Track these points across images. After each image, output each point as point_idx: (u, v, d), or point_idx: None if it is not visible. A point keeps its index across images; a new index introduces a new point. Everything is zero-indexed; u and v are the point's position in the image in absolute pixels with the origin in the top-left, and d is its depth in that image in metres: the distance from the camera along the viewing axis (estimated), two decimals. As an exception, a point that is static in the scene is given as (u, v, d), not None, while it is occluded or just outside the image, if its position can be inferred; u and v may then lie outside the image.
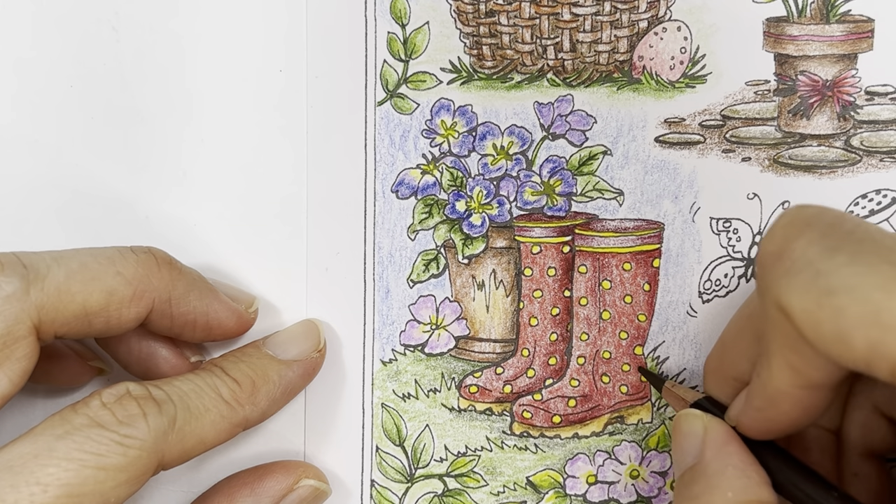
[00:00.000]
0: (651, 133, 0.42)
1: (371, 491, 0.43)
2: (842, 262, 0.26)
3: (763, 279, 0.29)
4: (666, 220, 0.42)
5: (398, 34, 0.42)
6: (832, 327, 0.26)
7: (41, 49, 0.43)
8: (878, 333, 0.25)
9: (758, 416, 0.32)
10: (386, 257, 0.43)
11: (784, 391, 0.30)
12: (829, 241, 0.27)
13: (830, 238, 0.27)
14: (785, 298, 0.27)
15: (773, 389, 0.30)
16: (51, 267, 0.34)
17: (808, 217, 0.29)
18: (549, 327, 0.43)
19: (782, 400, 0.30)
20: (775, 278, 0.28)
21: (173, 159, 0.43)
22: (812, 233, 0.28)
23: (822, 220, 0.28)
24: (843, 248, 0.27)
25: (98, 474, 0.32)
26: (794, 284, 0.27)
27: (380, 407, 0.43)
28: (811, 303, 0.26)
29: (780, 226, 0.29)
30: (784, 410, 0.31)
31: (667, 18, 0.42)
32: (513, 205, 0.43)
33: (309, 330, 0.42)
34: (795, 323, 0.27)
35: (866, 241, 0.27)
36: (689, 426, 0.35)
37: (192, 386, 0.36)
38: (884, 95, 0.41)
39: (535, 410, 0.43)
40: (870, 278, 0.26)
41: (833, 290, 0.26)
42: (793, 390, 0.30)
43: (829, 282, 0.26)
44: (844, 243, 0.27)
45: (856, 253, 0.27)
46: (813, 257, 0.27)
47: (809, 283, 0.27)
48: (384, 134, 0.43)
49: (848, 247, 0.27)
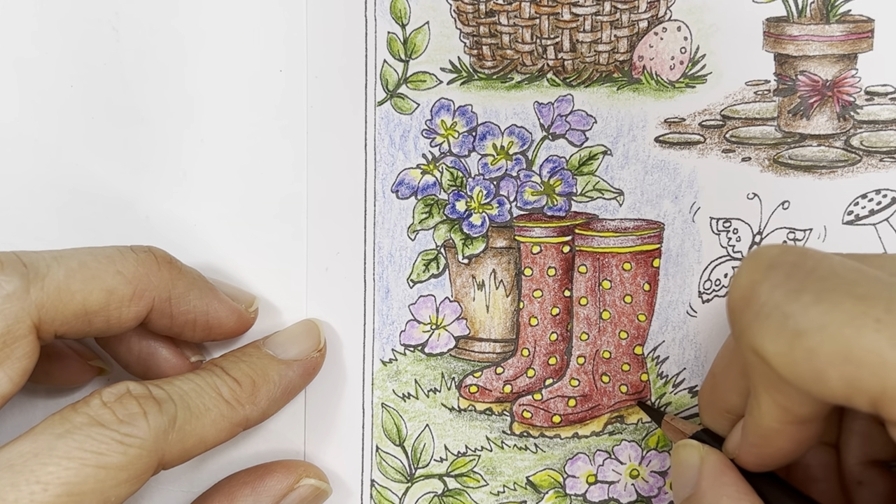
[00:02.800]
0: (651, 133, 0.42)
1: (371, 491, 0.43)
2: (808, 302, 0.27)
3: (735, 325, 0.30)
4: (666, 220, 0.42)
5: (398, 34, 0.42)
6: (807, 367, 0.26)
7: (42, 49, 0.43)
8: (851, 370, 0.25)
9: (754, 451, 0.32)
10: (386, 257, 0.43)
11: (775, 428, 0.30)
12: (793, 282, 0.27)
13: (794, 279, 0.27)
14: (758, 343, 0.27)
15: (765, 427, 0.30)
16: (51, 266, 0.34)
17: (771, 259, 0.29)
18: (549, 327, 0.43)
19: (774, 436, 0.31)
20: (746, 324, 0.28)
21: (173, 159, 0.43)
22: (776, 275, 0.28)
23: (784, 261, 0.28)
24: (807, 288, 0.27)
25: (98, 473, 0.32)
26: (765, 329, 0.27)
27: (380, 407, 0.43)
28: (783, 346, 0.27)
29: (744, 271, 0.29)
30: (778, 446, 0.31)
31: (667, 18, 0.42)
32: (513, 205, 0.43)
33: (309, 330, 0.42)
34: (771, 365, 0.27)
35: (830, 277, 0.27)
36: (685, 457, 0.35)
37: (192, 385, 0.36)
38: (884, 95, 0.41)
39: (535, 410, 0.43)
40: (836, 315, 0.26)
41: (802, 332, 0.26)
42: (783, 427, 0.30)
43: (798, 323, 0.26)
44: (808, 282, 0.27)
45: (820, 291, 0.27)
46: (779, 300, 0.27)
47: (779, 326, 0.27)
48: (384, 134, 0.43)
49: (812, 285, 0.27)
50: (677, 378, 0.42)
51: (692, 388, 0.42)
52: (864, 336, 0.25)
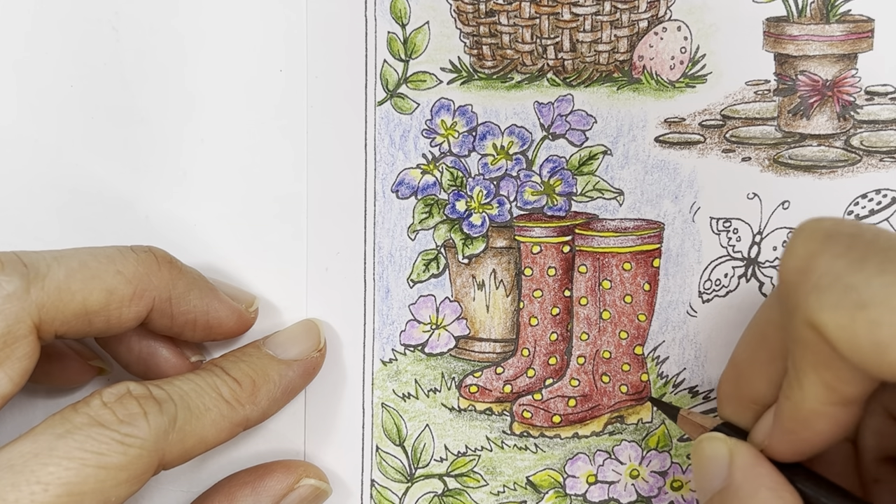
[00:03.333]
0: (651, 133, 0.42)
1: (371, 491, 0.43)
2: (871, 273, 0.26)
3: (790, 297, 0.29)
4: (666, 220, 0.42)
5: (398, 34, 0.42)
6: (869, 341, 0.25)
7: (41, 49, 0.43)
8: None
9: (789, 439, 0.31)
10: (386, 257, 0.43)
11: (818, 410, 0.29)
12: (854, 252, 0.27)
13: (855, 250, 0.27)
14: (816, 315, 0.27)
15: (807, 410, 0.29)
16: (51, 266, 0.34)
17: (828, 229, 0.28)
18: (549, 327, 0.43)
19: (816, 419, 0.30)
20: (803, 295, 0.27)
21: (173, 159, 0.43)
22: (836, 245, 0.27)
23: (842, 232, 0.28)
24: (869, 259, 0.26)
25: (99, 473, 0.32)
26: (825, 300, 0.26)
27: (380, 407, 0.43)
28: (845, 318, 0.26)
29: (800, 241, 0.28)
30: (818, 430, 0.30)
31: (667, 18, 0.42)
32: (513, 205, 0.43)
33: (309, 330, 0.42)
34: (830, 339, 0.26)
35: (891, 249, 0.26)
36: (712, 450, 0.34)
37: (192, 385, 0.36)
38: (884, 95, 0.41)
39: (535, 410, 0.43)
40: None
41: (866, 303, 0.25)
42: (827, 408, 0.29)
43: (861, 295, 0.26)
44: (870, 254, 0.26)
45: (883, 262, 0.26)
46: (840, 271, 0.26)
47: (841, 297, 0.26)
48: (384, 134, 0.43)
49: (874, 257, 0.26)
50: (677, 378, 0.42)
51: (692, 388, 0.42)
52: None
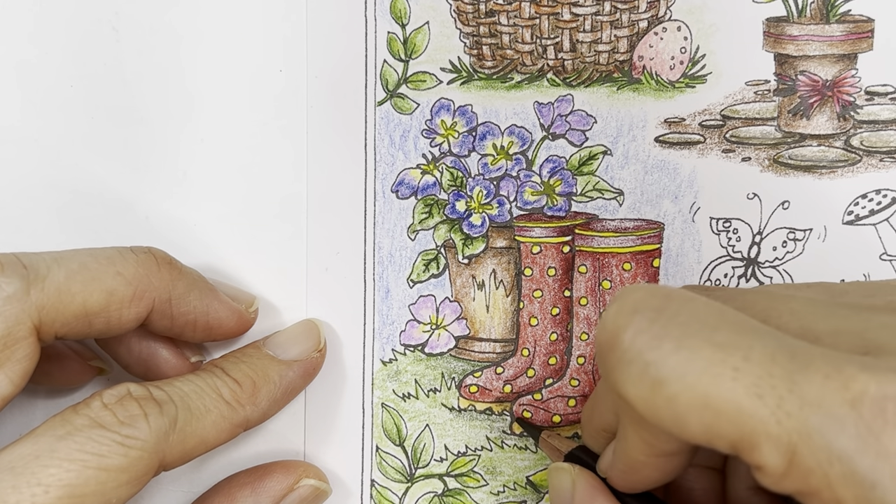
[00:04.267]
0: (651, 133, 0.42)
1: (371, 491, 0.43)
2: (668, 349, 0.27)
3: (601, 367, 0.30)
4: (666, 220, 0.42)
5: (398, 34, 0.42)
6: (668, 413, 0.26)
7: (42, 49, 0.43)
8: (710, 417, 0.26)
9: (623, 476, 0.33)
10: (386, 257, 0.43)
11: (641, 460, 0.30)
12: (655, 328, 0.27)
13: (656, 324, 0.27)
14: (622, 388, 0.28)
15: (631, 458, 0.31)
16: (51, 267, 0.34)
17: (635, 303, 0.29)
18: (549, 327, 0.43)
19: (641, 467, 0.31)
20: (611, 367, 0.28)
21: (173, 159, 0.43)
22: (639, 321, 0.28)
23: (648, 306, 0.28)
24: (669, 335, 0.27)
25: (99, 475, 0.32)
26: (627, 375, 0.27)
27: (380, 407, 0.43)
28: (645, 391, 0.27)
29: (610, 315, 0.29)
30: (644, 474, 0.31)
31: (667, 18, 0.42)
32: (513, 205, 0.43)
33: (309, 330, 0.42)
34: (635, 409, 0.28)
35: (691, 323, 0.27)
36: (558, 481, 0.35)
37: (192, 386, 0.36)
38: (884, 95, 0.41)
39: (535, 410, 0.43)
40: (695, 363, 0.26)
41: (663, 380, 0.26)
42: (649, 459, 0.30)
43: (658, 372, 0.26)
44: (670, 328, 0.27)
45: (681, 338, 0.27)
46: (641, 347, 0.27)
47: (641, 373, 0.27)
48: (384, 134, 0.43)
49: (674, 331, 0.27)
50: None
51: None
52: (722, 385, 0.25)
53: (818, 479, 0.25)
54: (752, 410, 0.25)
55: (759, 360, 0.26)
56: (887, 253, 0.41)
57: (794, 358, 0.26)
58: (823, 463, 0.25)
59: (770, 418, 0.25)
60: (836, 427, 0.24)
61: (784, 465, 0.25)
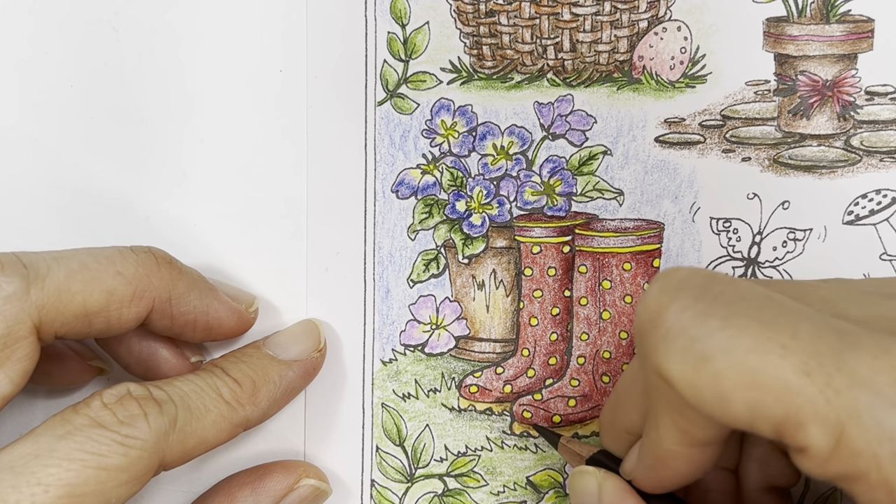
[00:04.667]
0: (651, 133, 0.42)
1: (371, 491, 0.43)
2: (715, 326, 0.26)
3: (641, 346, 0.29)
4: (666, 220, 0.42)
5: (398, 34, 0.42)
6: (712, 392, 0.26)
7: (41, 49, 0.43)
8: (756, 395, 0.25)
9: (650, 474, 0.32)
10: (386, 257, 0.43)
11: (673, 451, 0.30)
12: (700, 305, 0.27)
13: (702, 302, 0.27)
14: (664, 366, 0.27)
15: (662, 449, 0.30)
16: (51, 267, 0.34)
17: (679, 281, 0.28)
18: (549, 327, 0.43)
19: (672, 458, 0.30)
20: (653, 346, 0.28)
21: (173, 159, 0.43)
22: (684, 298, 0.28)
23: (692, 284, 0.28)
24: (714, 312, 0.27)
25: (99, 474, 0.32)
26: (671, 352, 0.27)
27: (380, 407, 0.43)
28: (689, 369, 0.27)
29: (652, 293, 0.29)
30: (675, 468, 0.31)
31: (667, 18, 0.42)
32: (513, 205, 0.43)
33: (309, 330, 0.42)
34: (676, 388, 0.27)
35: (737, 301, 0.27)
36: (583, 484, 0.35)
37: (192, 386, 0.36)
38: (884, 95, 0.41)
39: (535, 410, 0.43)
40: (742, 340, 0.26)
41: (709, 356, 0.26)
42: (681, 449, 0.30)
43: (705, 347, 0.26)
44: (716, 306, 0.27)
45: (727, 316, 0.27)
46: (686, 323, 0.27)
47: (685, 349, 0.27)
48: (384, 134, 0.43)
49: (720, 310, 0.27)
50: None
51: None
52: (770, 362, 0.25)
53: (866, 461, 0.24)
54: (800, 388, 0.25)
55: (808, 338, 0.25)
56: (887, 253, 0.41)
57: (842, 337, 0.25)
58: (873, 443, 0.24)
59: (818, 396, 0.25)
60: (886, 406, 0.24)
61: (831, 446, 0.25)
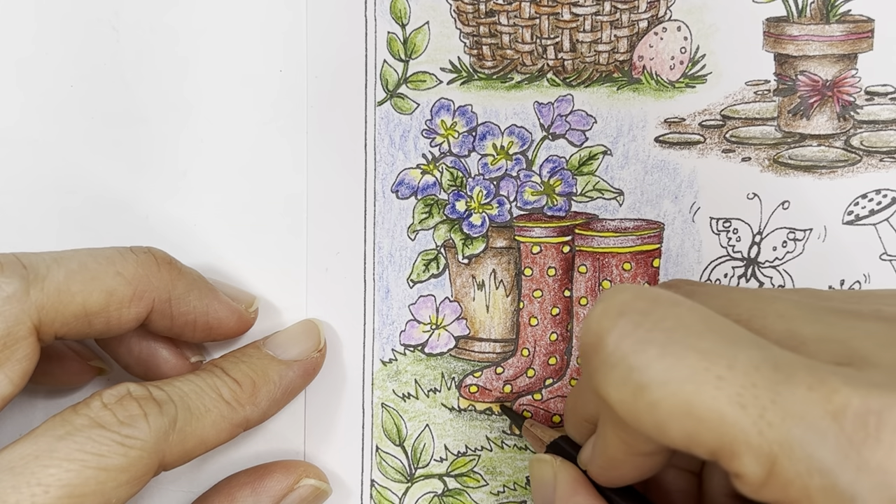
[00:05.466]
0: (651, 133, 0.42)
1: (371, 491, 0.43)
2: (652, 355, 0.26)
3: (584, 368, 0.30)
4: (666, 220, 0.42)
5: (398, 34, 0.42)
6: (649, 419, 0.26)
7: (41, 49, 0.43)
8: (692, 424, 0.26)
9: (601, 472, 0.33)
10: (386, 257, 0.43)
11: (619, 458, 0.31)
12: (640, 332, 0.27)
13: (641, 328, 0.27)
14: (604, 391, 0.28)
15: (609, 456, 0.31)
16: (50, 267, 0.34)
17: (621, 306, 0.28)
18: (549, 327, 0.43)
19: (619, 464, 0.31)
20: (594, 369, 0.28)
21: (173, 159, 0.43)
22: (624, 324, 0.28)
23: (634, 309, 0.28)
24: (653, 340, 0.27)
25: (99, 475, 0.32)
26: (611, 379, 0.27)
27: (380, 407, 0.43)
28: (628, 397, 0.27)
29: (595, 315, 0.29)
30: (623, 471, 0.31)
31: (667, 18, 0.42)
32: (513, 205, 0.43)
33: (309, 330, 0.42)
34: (616, 412, 0.27)
35: (677, 329, 0.27)
36: (540, 472, 0.35)
37: (192, 386, 0.36)
38: (884, 95, 0.41)
39: (535, 410, 0.43)
40: (679, 371, 0.26)
41: (646, 386, 0.26)
42: (627, 457, 0.30)
43: (642, 377, 0.26)
44: (655, 334, 0.27)
45: (665, 344, 0.27)
46: (626, 351, 0.27)
47: (624, 378, 0.27)
48: (384, 134, 0.43)
49: (659, 337, 0.27)
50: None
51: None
52: (705, 393, 0.25)
53: (797, 491, 0.25)
54: (734, 420, 0.25)
55: (744, 369, 0.25)
56: (887, 253, 0.41)
57: (777, 368, 0.25)
58: (803, 475, 0.24)
59: (752, 428, 0.25)
60: (817, 439, 0.24)
61: (764, 475, 0.25)
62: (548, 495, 0.35)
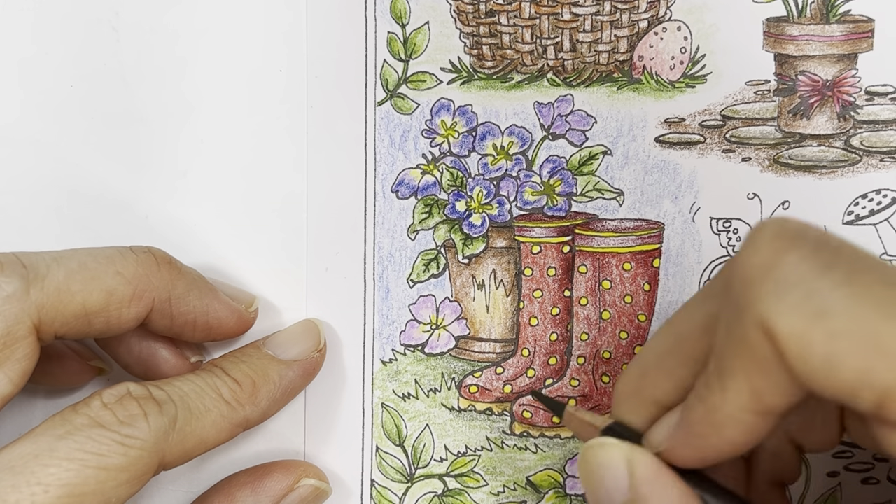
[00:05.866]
0: (651, 133, 0.42)
1: (371, 491, 0.43)
2: (837, 281, 0.24)
3: (745, 294, 0.26)
4: (666, 220, 0.42)
5: (398, 34, 0.42)
6: (822, 351, 0.24)
7: (42, 49, 0.43)
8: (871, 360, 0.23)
9: (695, 443, 0.29)
10: (386, 257, 0.43)
11: (735, 416, 0.27)
12: (821, 257, 0.25)
13: (822, 255, 0.25)
14: (772, 317, 0.25)
15: (724, 414, 0.28)
16: (50, 267, 0.34)
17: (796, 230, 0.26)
18: (549, 327, 0.43)
19: (730, 425, 0.28)
20: (762, 294, 0.25)
21: (173, 159, 0.43)
22: (804, 248, 0.25)
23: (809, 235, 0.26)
24: (837, 267, 0.25)
25: (99, 474, 0.32)
26: (784, 303, 0.25)
27: (380, 407, 0.43)
28: (802, 323, 0.24)
29: (766, 237, 0.26)
30: (728, 437, 0.28)
31: (667, 18, 0.42)
32: (513, 205, 0.43)
33: (309, 330, 0.42)
34: (779, 344, 0.25)
35: (859, 259, 0.25)
36: (607, 458, 0.31)
37: (192, 386, 0.36)
38: (884, 95, 0.41)
39: (535, 410, 0.43)
40: (867, 300, 0.24)
41: (827, 312, 0.24)
42: (745, 415, 0.27)
43: (824, 302, 0.24)
44: (838, 262, 0.25)
45: (851, 272, 0.25)
46: (806, 274, 0.25)
47: (801, 302, 0.24)
48: (384, 134, 0.43)
49: (842, 265, 0.25)
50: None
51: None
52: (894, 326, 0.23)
53: None
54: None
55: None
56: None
57: None
58: None
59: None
60: None
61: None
62: (618, 480, 0.31)
